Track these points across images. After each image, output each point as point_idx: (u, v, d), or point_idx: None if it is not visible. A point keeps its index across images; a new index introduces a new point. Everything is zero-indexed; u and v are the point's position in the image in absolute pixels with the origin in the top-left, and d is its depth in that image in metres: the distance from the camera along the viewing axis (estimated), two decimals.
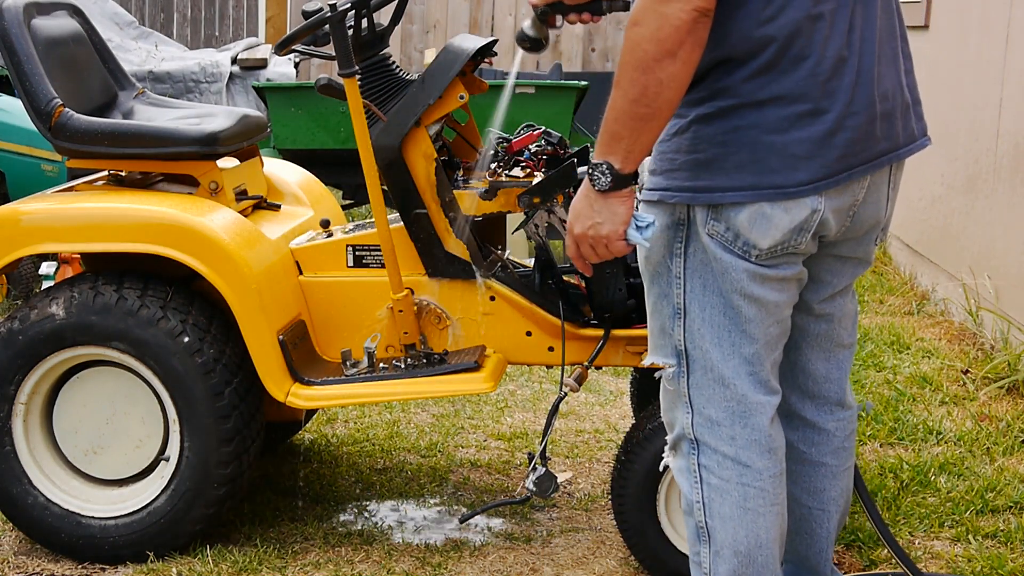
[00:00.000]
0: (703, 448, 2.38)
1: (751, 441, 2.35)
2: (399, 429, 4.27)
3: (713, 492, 2.37)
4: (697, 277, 2.33)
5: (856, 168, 2.29)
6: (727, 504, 2.37)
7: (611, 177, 2.21)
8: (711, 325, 2.33)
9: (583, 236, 2.29)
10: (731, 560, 2.39)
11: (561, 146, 3.35)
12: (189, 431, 3.16)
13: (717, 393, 2.35)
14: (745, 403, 2.35)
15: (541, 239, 3.19)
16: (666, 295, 2.36)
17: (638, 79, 2.15)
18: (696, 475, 2.39)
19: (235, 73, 7.79)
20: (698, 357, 2.35)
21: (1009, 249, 4.92)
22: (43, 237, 3.22)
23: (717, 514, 2.38)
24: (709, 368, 2.35)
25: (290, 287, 3.28)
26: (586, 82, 6.63)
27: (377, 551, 3.34)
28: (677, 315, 2.36)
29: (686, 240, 2.32)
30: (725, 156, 2.24)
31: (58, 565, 3.27)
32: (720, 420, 2.35)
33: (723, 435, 2.36)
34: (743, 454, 2.35)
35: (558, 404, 3.10)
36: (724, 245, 2.28)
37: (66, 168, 3.45)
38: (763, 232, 2.26)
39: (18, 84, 3.31)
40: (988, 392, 4.48)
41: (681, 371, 2.38)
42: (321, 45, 3.27)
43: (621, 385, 4.72)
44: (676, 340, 2.37)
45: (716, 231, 2.28)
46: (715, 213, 2.27)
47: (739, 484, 2.36)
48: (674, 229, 2.32)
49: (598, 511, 3.60)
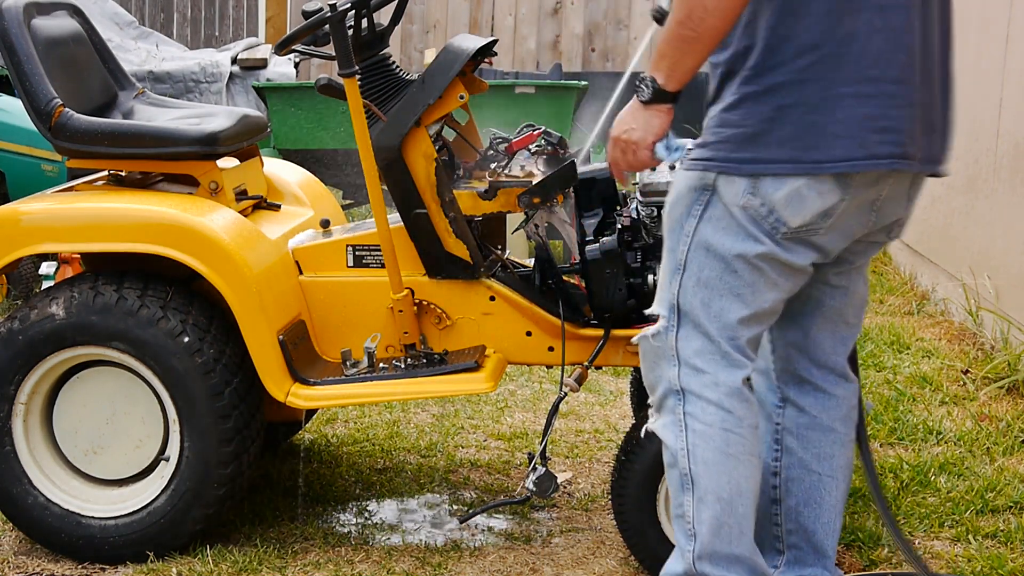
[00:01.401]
0: (688, 396, 2.50)
1: (732, 388, 2.49)
2: (399, 429, 4.27)
3: (697, 438, 2.49)
4: (705, 239, 2.47)
5: (887, 160, 2.39)
6: (710, 449, 2.48)
7: (652, 90, 2.40)
8: (705, 285, 2.48)
9: (617, 139, 2.48)
10: (714, 506, 2.49)
11: (561, 146, 3.35)
12: (189, 431, 3.15)
13: (704, 346, 2.49)
14: (728, 358, 2.49)
15: (541, 239, 3.19)
16: (673, 250, 2.52)
17: (686, 2, 2.31)
18: (681, 423, 2.51)
19: (235, 73, 7.79)
20: (688, 312, 2.50)
21: (1009, 249, 4.92)
22: (43, 237, 3.22)
23: (701, 459, 2.49)
24: (696, 323, 2.49)
25: (290, 287, 3.28)
26: (586, 82, 6.63)
27: (377, 551, 3.34)
28: (677, 271, 2.51)
29: (706, 204, 2.46)
30: (770, 131, 2.37)
31: (58, 565, 3.27)
32: (704, 368, 2.49)
33: (707, 381, 2.49)
34: (725, 400, 2.48)
35: (558, 404, 3.10)
36: (754, 219, 2.42)
37: (66, 168, 3.45)
38: (796, 211, 2.40)
39: (18, 84, 3.31)
40: (988, 392, 4.48)
41: (671, 325, 2.52)
42: (321, 45, 3.27)
43: (621, 385, 4.72)
44: (671, 293, 2.52)
45: (751, 204, 2.41)
46: (753, 187, 2.40)
47: (721, 429, 2.48)
48: (699, 192, 2.46)
49: (598, 511, 3.60)
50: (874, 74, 2.36)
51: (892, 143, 2.38)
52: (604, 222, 3.20)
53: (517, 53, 10.36)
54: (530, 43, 10.36)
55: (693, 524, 2.51)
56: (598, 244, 3.13)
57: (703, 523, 2.50)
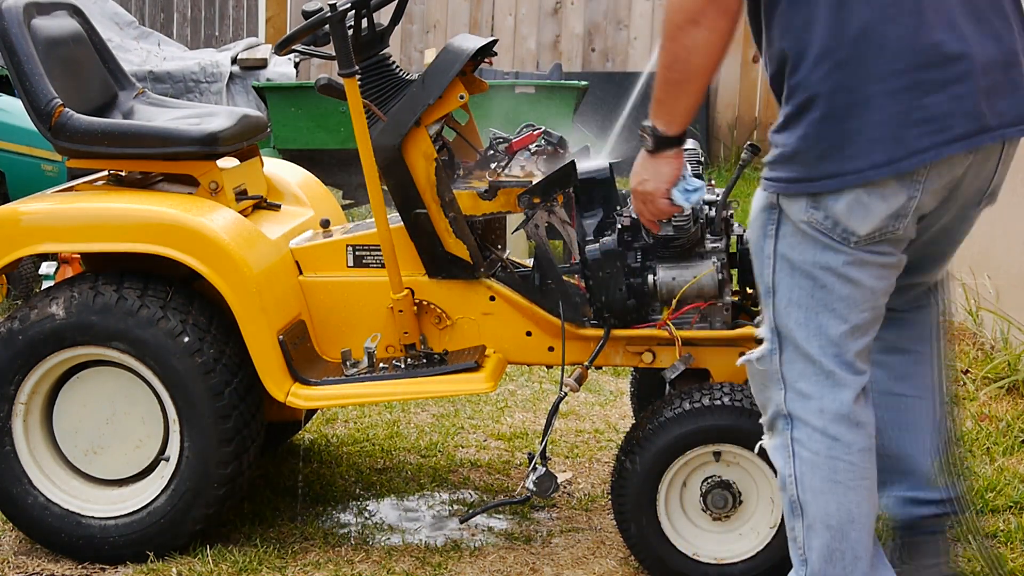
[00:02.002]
0: (796, 422, 2.44)
1: (838, 415, 2.41)
2: (399, 429, 4.27)
3: (804, 466, 2.44)
4: (786, 258, 2.41)
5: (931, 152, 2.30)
6: (817, 477, 2.43)
7: (654, 139, 2.42)
8: (798, 305, 2.41)
9: (635, 192, 2.52)
10: (823, 534, 2.44)
11: (561, 146, 3.35)
12: (189, 431, 3.15)
13: (806, 368, 2.42)
14: (833, 378, 2.41)
15: (541, 239, 3.19)
16: (760, 275, 2.46)
17: (669, 47, 2.33)
18: (789, 450, 2.46)
19: (235, 73, 7.79)
20: (787, 334, 2.43)
21: (1009, 249, 4.92)
22: (43, 237, 3.22)
23: (808, 487, 2.44)
24: (796, 345, 2.43)
25: (290, 287, 3.28)
26: (586, 82, 6.62)
27: (377, 551, 3.34)
28: (768, 294, 2.45)
29: (778, 223, 2.41)
30: (810, 148, 2.32)
31: (58, 565, 3.27)
32: (810, 393, 2.42)
33: (812, 408, 2.42)
34: (831, 427, 2.41)
35: (558, 404, 3.10)
36: (823, 232, 2.35)
37: (66, 168, 3.45)
38: (861, 220, 2.33)
39: (18, 84, 3.31)
40: (988, 392, 4.48)
41: (774, 348, 2.46)
42: (321, 45, 3.27)
43: (621, 385, 4.71)
44: (768, 317, 2.46)
45: (815, 219, 2.35)
46: (814, 202, 2.34)
47: (828, 457, 2.42)
48: (768, 211, 2.42)
49: (598, 511, 3.60)
50: (899, 67, 2.27)
51: (934, 132, 2.28)
52: (604, 222, 3.20)
53: (517, 53, 10.36)
54: (530, 43, 10.36)
55: (804, 551, 2.48)
56: (598, 244, 3.13)
57: (813, 550, 2.46)
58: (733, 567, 3.05)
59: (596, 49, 10.31)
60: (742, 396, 3.00)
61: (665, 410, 3.02)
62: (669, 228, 3.09)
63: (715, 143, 10.23)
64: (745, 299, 3.29)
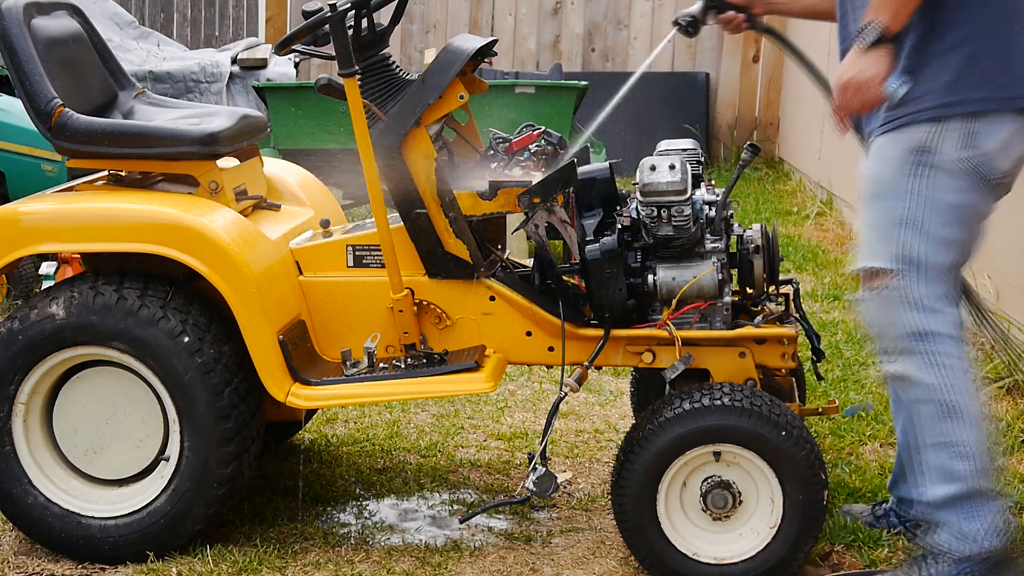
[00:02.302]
0: (935, 337, 2.81)
1: (962, 325, 2.85)
2: (399, 429, 4.27)
3: (953, 371, 2.81)
4: (926, 194, 2.77)
5: None
6: (966, 379, 2.82)
7: (879, 31, 2.68)
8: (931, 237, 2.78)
9: (849, 81, 2.73)
10: (979, 428, 2.84)
11: (561, 146, 3.35)
12: (189, 431, 3.16)
13: (934, 289, 2.81)
14: (950, 296, 2.83)
15: (541, 239, 3.19)
16: (894, 208, 2.79)
17: None
18: (935, 360, 2.81)
19: (235, 73, 7.79)
20: (920, 260, 2.79)
21: (1009, 249, 4.92)
22: (43, 237, 3.22)
23: (959, 390, 2.81)
24: (927, 267, 2.80)
25: (290, 287, 3.28)
26: (586, 82, 6.62)
27: (377, 551, 3.34)
28: (907, 225, 2.79)
29: (924, 164, 2.76)
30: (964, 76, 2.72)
31: (58, 565, 3.27)
32: (943, 309, 2.82)
33: (948, 321, 2.82)
34: (961, 335, 2.84)
35: (558, 404, 3.10)
36: (971, 169, 2.76)
37: (66, 168, 3.45)
38: (1006, 156, 2.77)
39: (18, 84, 3.31)
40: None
41: (906, 274, 2.80)
42: (321, 45, 3.27)
43: (621, 385, 4.71)
44: (904, 247, 2.79)
45: (968, 156, 2.75)
46: (968, 139, 2.74)
47: (963, 359, 2.84)
48: (914, 153, 2.77)
49: (598, 511, 3.60)
50: None
51: None
52: (604, 222, 3.20)
53: (517, 53, 10.36)
54: (530, 43, 10.36)
55: (966, 446, 2.81)
56: (598, 244, 3.13)
57: (973, 443, 2.82)
58: (733, 567, 3.05)
59: (596, 49, 10.31)
60: (742, 396, 3.00)
61: (665, 410, 3.02)
62: (669, 228, 3.10)
63: (715, 143, 10.23)
64: (745, 299, 3.29)
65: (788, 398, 3.31)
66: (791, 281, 3.35)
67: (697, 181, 3.24)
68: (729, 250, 3.22)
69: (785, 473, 2.98)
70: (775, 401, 3.03)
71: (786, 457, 2.97)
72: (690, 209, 3.09)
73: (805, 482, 2.98)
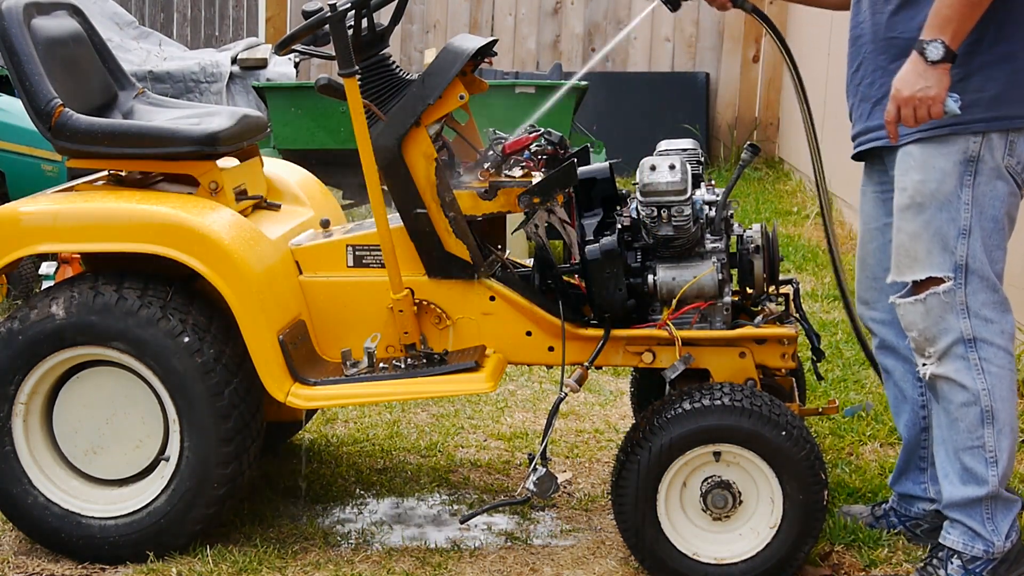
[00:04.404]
0: (981, 344, 2.91)
1: (1010, 334, 2.94)
2: (399, 429, 4.27)
3: (994, 379, 2.91)
4: (979, 203, 2.88)
5: None
6: (1005, 388, 2.92)
7: (944, 50, 2.74)
8: (985, 244, 2.90)
9: (911, 98, 2.78)
10: (1009, 436, 2.93)
11: (561, 146, 3.34)
12: (189, 431, 3.16)
13: (990, 297, 2.91)
14: (1005, 304, 2.93)
15: (541, 239, 3.19)
16: (953, 219, 2.88)
17: None
18: (979, 367, 2.91)
19: (235, 73, 7.79)
20: (976, 268, 2.90)
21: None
22: (43, 237, 3.22)
23: (999, 397, 2.91)
24: (983, 277, 2.91)
25: (290, 287, 3.28)
26: (586, 82, 6.62)
27: (377, 551, 3.34)
28: (963, 235, 2.89)
29: (975, 173, 2.87)
30: (1009, 91, 2.83)
31: (58, 565, 3.27)
32: (993, 318, 2.92)
33: (996, 330, 2.92)
34: (1009, 345, 2.93)
35: (558, 404, 3.10)
36: (1013, 175, 2.88)
37: (66, 168, 3.45)
38: None
39: (18, 84, 3.31)
40: None
41: (959, 282, 2.90)
42: (321, 45, 3.27)
43: (621, 385, 4.72)
44: (959, 256, 2.89)
45: (1010, 163, 2.87)
46: (1010, 148, 2.86)
47: (1008, 370, 2.93)
48: (965, 164, 2.87)
49: (598, 511, 3.60)
50: None
51: None
52: (604, 222, 3.20)
53: (517, 53, 10.36)
54: (530, 43, 10.37)
55: (995, 452, 2.92)
56: (598, 244, 3.13)
57: (1004, 451, 2.93)
58: (733, 567, 3.05)
59: (596, 49, 10.31)
60: (742, 396, 3.00)
61: (665, 410, 3.02)
62: (669, 228, 3.10)
63: (715, 143, 10.23)
64: (745, 299, 3.29)
65: (788, 398, 3.31)
66: (791, 281, 3.35)
67: (697, 181, 3.24)
68: (729, 250, 3.22)
69: (785, 473, 2.98)
70: (775, 401, 3.03)
71: (786, 457, 2.97)
72: (690, 209, 3.09)
73: (805, 482, 2.98)
